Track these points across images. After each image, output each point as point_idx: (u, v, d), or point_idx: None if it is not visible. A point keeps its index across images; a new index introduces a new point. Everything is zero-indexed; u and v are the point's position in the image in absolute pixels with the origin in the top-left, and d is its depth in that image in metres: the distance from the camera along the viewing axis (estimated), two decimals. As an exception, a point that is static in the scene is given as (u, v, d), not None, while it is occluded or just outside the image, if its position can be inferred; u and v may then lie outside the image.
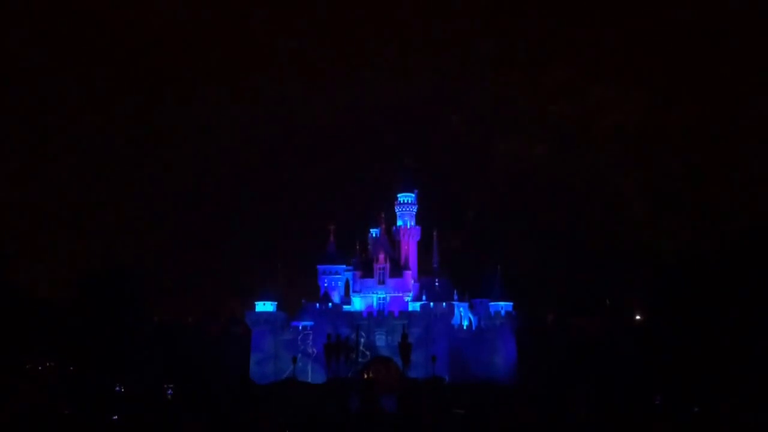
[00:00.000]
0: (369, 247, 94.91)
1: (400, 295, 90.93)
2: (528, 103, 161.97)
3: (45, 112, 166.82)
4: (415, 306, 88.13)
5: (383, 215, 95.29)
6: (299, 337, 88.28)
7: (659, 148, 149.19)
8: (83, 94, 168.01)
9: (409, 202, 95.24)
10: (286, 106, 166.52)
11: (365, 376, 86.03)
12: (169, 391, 78.85)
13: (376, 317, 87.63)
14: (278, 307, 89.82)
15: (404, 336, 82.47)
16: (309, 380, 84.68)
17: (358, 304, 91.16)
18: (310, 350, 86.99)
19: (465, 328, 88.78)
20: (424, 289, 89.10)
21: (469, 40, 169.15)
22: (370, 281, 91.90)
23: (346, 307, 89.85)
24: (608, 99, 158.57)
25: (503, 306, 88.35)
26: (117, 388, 76.26)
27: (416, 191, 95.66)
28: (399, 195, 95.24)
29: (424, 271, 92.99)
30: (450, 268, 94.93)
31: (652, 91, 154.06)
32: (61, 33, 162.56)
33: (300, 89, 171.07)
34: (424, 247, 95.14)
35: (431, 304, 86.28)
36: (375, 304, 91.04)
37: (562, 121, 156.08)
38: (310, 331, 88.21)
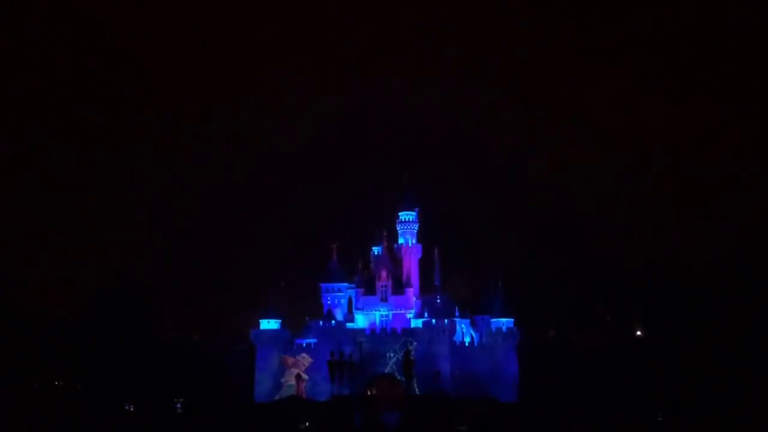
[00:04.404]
0: (371, 265, 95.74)
1: (403, 312, 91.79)
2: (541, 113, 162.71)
3: (51, 129, 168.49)
4: (417, 323, 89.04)
5: (385, 233, 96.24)
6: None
7: (677, 160, 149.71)
8: (87, 108, 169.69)
9: (410, 220, 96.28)
10: (289, 123, 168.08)
11: (369, 392, 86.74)
12: (177, 405, 79.54)
13: (379, 334, 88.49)
14: (282, 324, 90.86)
15: (407, 353, 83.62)
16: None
17: (361, 321, 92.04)
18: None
19: (467, 344, 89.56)
20: (426, 306, 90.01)
21: (507, 49, 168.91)
22: (372, 299, 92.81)
23: (349, 325, 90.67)
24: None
25: (504, 322, 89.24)
26: (127, 407, 77.04)
27: (417, 209, 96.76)
28: (400, 213, 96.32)
29: (425, 288, 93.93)
30: (451, 284, 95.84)
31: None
32: (66, 40, 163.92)
33: (305, 105, 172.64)
34: (425, 264, 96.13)
35: (433, 320, 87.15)
36: (378, 321, 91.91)
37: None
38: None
